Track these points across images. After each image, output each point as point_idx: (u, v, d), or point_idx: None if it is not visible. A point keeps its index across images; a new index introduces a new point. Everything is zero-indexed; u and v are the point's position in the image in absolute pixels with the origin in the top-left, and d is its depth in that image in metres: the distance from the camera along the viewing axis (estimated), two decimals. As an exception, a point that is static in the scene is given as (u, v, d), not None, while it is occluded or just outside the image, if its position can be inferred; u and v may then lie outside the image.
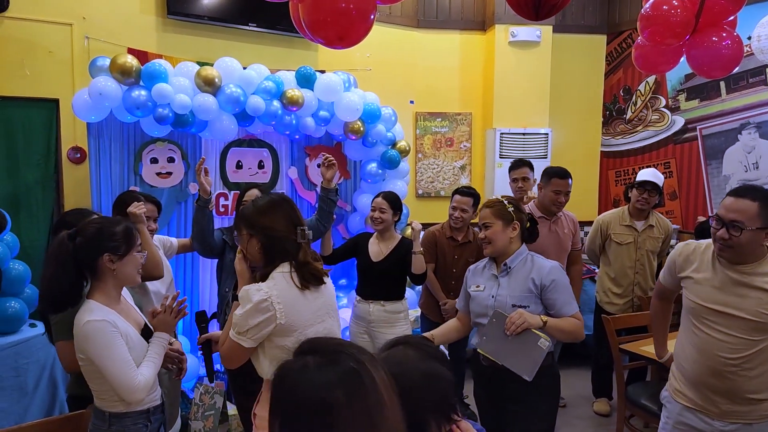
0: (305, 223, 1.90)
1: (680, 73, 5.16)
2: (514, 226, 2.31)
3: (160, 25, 4.23)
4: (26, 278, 3.13)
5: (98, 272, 1.86)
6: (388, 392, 0.90)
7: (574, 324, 2.24)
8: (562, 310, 2.24)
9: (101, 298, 1.85)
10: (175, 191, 3.91)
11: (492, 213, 2.33)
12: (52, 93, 3.87)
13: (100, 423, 1.84)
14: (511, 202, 2.36)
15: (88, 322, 1.75)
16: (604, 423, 3.82)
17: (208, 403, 3.42)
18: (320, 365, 0.88)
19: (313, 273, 1.84)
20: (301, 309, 1.83)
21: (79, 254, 1.83)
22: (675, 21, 2.82)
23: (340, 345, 0.94)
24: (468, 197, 3.48)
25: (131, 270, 1.90)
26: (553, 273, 2.26)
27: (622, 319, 3.41)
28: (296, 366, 0.90)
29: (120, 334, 1.79)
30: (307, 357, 0.91)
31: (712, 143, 5.05)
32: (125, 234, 1.88)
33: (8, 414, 2.87)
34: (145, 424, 1.88)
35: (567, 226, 3.51)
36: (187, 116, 3.51)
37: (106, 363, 1.76)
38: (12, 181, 3.77)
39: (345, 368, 0.88)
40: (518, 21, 5.17)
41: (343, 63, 4.72)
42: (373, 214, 3.25)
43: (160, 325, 1.96)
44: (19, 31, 3.77)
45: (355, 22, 2.26)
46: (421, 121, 5.55)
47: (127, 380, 1.77)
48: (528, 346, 2.08)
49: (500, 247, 2.32)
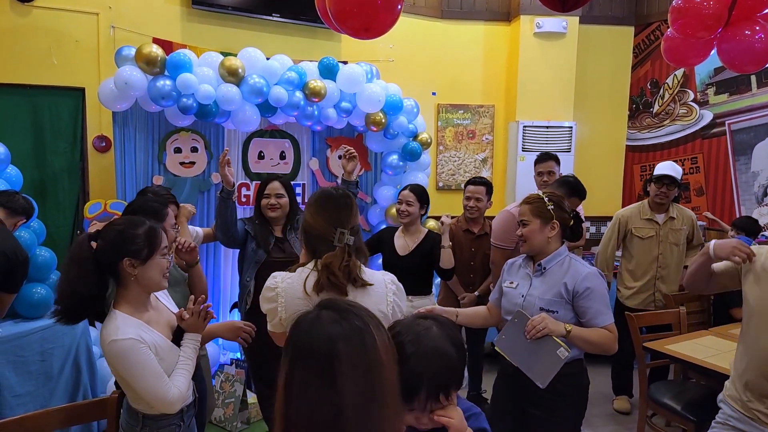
0: (350, 226, 1.80)
1: (709, 67, 5.04)
2: (552, 226, 2.19)
3: (184, 15, 4.25)
4: (52, 265, 3.17)
5: (121, 278, 1.75)
6: (387, 355, 1.01)
7: (604, 336, 2.10)
8: (594, 320, 2.11)
9: (126, 308, 1.74)
10: (198, 181, 3.94)
11: (530, 210, 2.21)
12: (79, 82, 3.92)
13: (134, 423, 1.80)
14: (552, 199, 2.22)
15: (113, 342, 1.66)
16: (624, 421, 3.78)
17: (228, 390, 3.46)
18: (331, 319, 1.00)
19: (332, 282, 1.71)
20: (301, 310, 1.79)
21: (98, 258, 1.72)
22: (707, 13, 2.75)
23: (353, 306, 1.06)
24: (481, 186, 3.46)
25: (155, 275, 1.77)
26: (588, 280, 2.13)
27: (645, 317, 3.36)
28: (311, 316, 1.02)
29: (148, 348, 1.70)
30: (322, 311, 1.03)
31: (741, 138, 4.94)
32: (147, 236, 1.75)
33: (35, 397, 2.93)
34: (178, 424, 1.84)
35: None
36: (211, 106, 3.53)
37: (137, 382, 1.68)
38: (39, 168, 3.83)
39: (351, 325, 1.00)
40: (544, 12, 5.09)
41: (365, 54, 4.70)
42: (400, 207, 3.21)
43: (191, 328, 1.88)
44: (47, 21, 3.82)
45: (380, 12, 2.24)
46: (443, 113, 5.51)
47: (160, 396, 1.70)
48: (545, 352, 1.99)
49: (537, 246, 2.21)
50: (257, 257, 2.87)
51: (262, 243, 2.89)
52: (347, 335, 0.98)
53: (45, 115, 3.85)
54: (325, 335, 0.98)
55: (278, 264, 2.18)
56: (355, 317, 1.01)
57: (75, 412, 2.01)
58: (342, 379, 0.94)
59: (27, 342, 2.91)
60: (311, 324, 1.00)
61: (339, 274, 1.72)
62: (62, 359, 3.05)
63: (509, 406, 2.33)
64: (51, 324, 3.02)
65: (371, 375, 0.97)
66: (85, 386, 3.16)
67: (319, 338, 0.98)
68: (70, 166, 3.93)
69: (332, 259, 1.74)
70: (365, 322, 1.01)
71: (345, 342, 0.97)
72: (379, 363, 0.98)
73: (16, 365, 2.87)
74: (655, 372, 3.63)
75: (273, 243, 2.91)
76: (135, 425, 1.79)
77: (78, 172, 3.97)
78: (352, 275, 1.75)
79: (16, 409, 2.80)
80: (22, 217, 2.91)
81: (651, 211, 3.80)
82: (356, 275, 1.76)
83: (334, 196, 1.85)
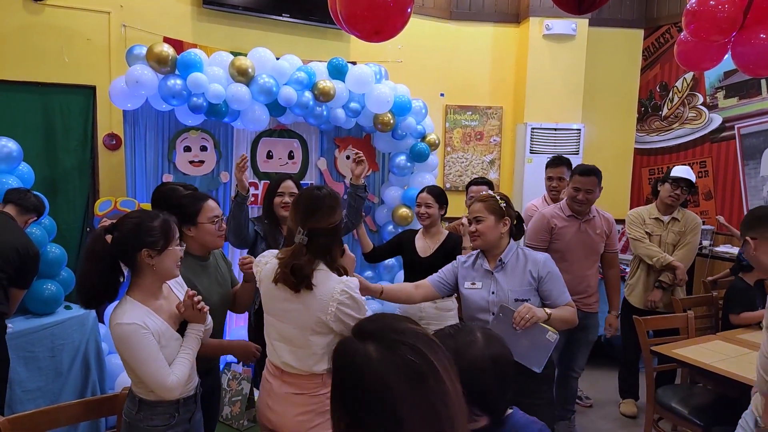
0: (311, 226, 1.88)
1: (719, 70, 5.02)
2: (504, 222, 2.36)
3: (195, 14, 4.27)
4: (62, 261, 3.20)
5: (137, 268, 1.83)
6: (449, 375, 0.91)
7: (570, 312, 2.31)
8: (558, 300, 2.31)
9: (138, 295, 1.82)
10: (207, 179, 3.95)
11: (485, 207, 2.36)
12: (90, 80, 3.94)
13: (132, 407, 1.88)
14: (503, 198, 2.40)
15: (117, 325, 1.75)
16: (630, 424, 3.77)
17: (235, 389, 3.47)
18: (380, 357, 0.90)
19: (284, 275, 1.87)
20: (266, 293, 1.99)
21: (116, 249, 1.81)
22: (722, 17, 2.74)
23: (399, 331, 0.94)
24: (483, 186, 3.49)
25: (170, 264, 1.85)
26: (547, 265, 2.34)
27: (653, 321, 3.36)
28: (359, 355, 0.91)
29: (151, 334, 1.77)
30: (368, 345, 0.92)
31: (751, 143, 4.92)
32: (163, 228, 1.83)
33: (45, 393, 2.96)
34: (172, 415, 1.88)
35: (601, 227, 3.32)
36: (221, 106, 3.54)
37: (137, 365, 1.76)
38: (50, 166, 3.86)
39: (404, 360, 0.89)
40: (553, 14, 5.10)
41: (374, 55, 4.71)
42: (419, 210, 3.20)
43: (191, 318, 1.93)
44: (59, 19, 3.84)
45: (391, 15, 2.25)
46: (451, 114, 5.51)
47: (159, 381, 1.77)
48: (536, 339, 2.11)
49: (490, 241, 2.36)
50: None
51: (271, 243, 2.90)
52: (405, 372, 0.88)
53: (56, 112, 3.88)
54: (378, 378, 0.88)
55: None
56: (406, 347, 0.90)
57: (86, 408, 2.03)
58: (407, 423, 0.86)
59: (37, 338, 2.94)
60: (360, 366, 0.90)
61: (287, 270, 1.86)
62: (72, 355, 3.08)
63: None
64: (61, 320, 3.05)
65: (437, 407, 0.88)
66: (94, 382, 3.19)
67: (372, 382, 0.88)
68: (80, 163, 3.96)
69: (284, 254, 1.91)
70: (419, 349, 0.90)
71: (404, 382, 0.87)
72: (442, 390, 0.89)
73: (27, 361, 2.89)
74: (662, 376, 3.62)
75: (282, 243, 2.92)
76: (132, 408, 1.87)
77: (88, 169, 3.99)
78: (299, 274, 1.85)
79: (27, 404, 2.83)
80: (33, 214, 2.93)
81: (658, 211, 3.83)
82: (304, 276, 1.85)
83: (307, 195, 1.97)
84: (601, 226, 3.32)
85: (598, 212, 3.36)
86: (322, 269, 1.90)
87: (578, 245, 3.25)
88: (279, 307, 1.95)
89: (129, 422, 1.88)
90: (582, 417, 3.78)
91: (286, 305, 1.92)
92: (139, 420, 1.85)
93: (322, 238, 1.89)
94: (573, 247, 3.22)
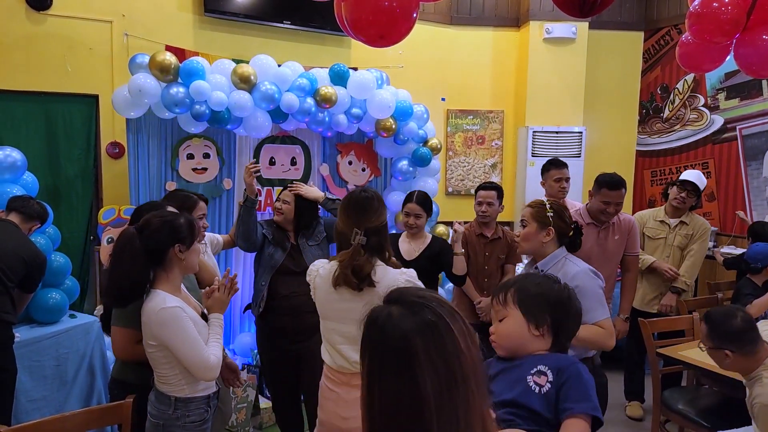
0: (366, 227, 1.96)
1: (720, 72, 5.03)
2: (548, 232, 2.27)
3: (197, 22, 4.29)
4: (67, 270, 3.20)
5: (166, 263, 1.95)
6: (465, 341, 1.00)
7: (595, 332, 2.12)
8: (586, 317, 2.10)
9: (167, 287, 1.94)
10: (210, 187, 3.96)
11: (530, 213, 2.31)
12: (92, 89, 3.96)
13: (164, 407, 1.93)
14: (554, 207, 2.30)
15: (163, 309, 1.85)
16: (637, 427, 3.76)
17: (240, 395, 3.46)
18: (402, 315, 0.99)
19: (345, 277, 1.92)
20: (325, 299, 2.01)
21: (150, 247, 1.92)
22: (725, 18, 2.73)
23: (423, 298, 1.03)
24: (492, 191, 3.46)
25: (195, 258, 2.03)
26: (578, 278, 2.16)
27: (659, 323, 3.35)
28: (383, 313, 1.01)
29: (189, 319, 1.90)
30: (392, 306, 1.02)
31: (753, 144, 4.92)
32: (189, 226, 2.00)
33: (49, 402, 2.95)
34: (206, 409, 1.98)
35: (619, 232, 3.28)
36: (223, 113, 3.55)
37: (182, 347, 1.86)
38: (53, 174, 3.87)
39: (423, 319, 0.98)
40: (553, 17, 5.11)
41: (375, 60, 4.72)
42: (408, 221, 3.18)
43: (215, 304, 2.06)
44: (61, 29, 3.86)
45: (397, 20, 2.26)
46: (453, 119, 5.52)
47: (202, 360, 1.88)
48: None
49: (531, 248, 2.30)
50: (273, 262, 2.88)
51: (279, 247, 2.92)
52: (421, 329, 0.97)
53: (59, 121, 3.90)
54: (400, 332, 0.97)
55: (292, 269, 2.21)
56: (426, 309, 1.00)
57: (91, 417, 2.02)
58: (422, 373, 0.94)
59: (42, 347, 2.94)
60: (384, 322, 1.00)
61: (348, 272, 1.91)
62: (77, 364, 3.08)
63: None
64: (66, 329, 3.05)
65: (450, 364, 0.96)
66: (99, 391, 3.18)
67: (393, 336, 0.97)
68: (83, 172, 3.97)
69: (344, 257, 1.95)
70: (437, 312, 1.00)
71: (420, 336, 0.96)
72: (458, 351, 0.98)
73: (32, 370, 2.89)
74: (668, 378, 3.61)
75: (289, 248, 2.93)
76: (166, 409, 1.92)
77: (92, 178, 4.00)
78: (361, 274, 1.91)
79: (32, 413, 2.82)
80: (37, 221, 2.94)
81: (665, 214, 3.83)
82: (365, 274, 1.91)
83: (356, 198, 2.05)
84: (621, 231, 3.27)
85: (618, 216, 3.29)
86: (380, 265, 1.98)
87: (597, 252, 3.17)
88: (340, 309, 1.98)
89: (163, 424, 1.93)
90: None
91: (348, 305, 1.96)
92: (176, 419, 1.91)
93: (375, 237, 1.99)
94: (591, 254, 3.15)
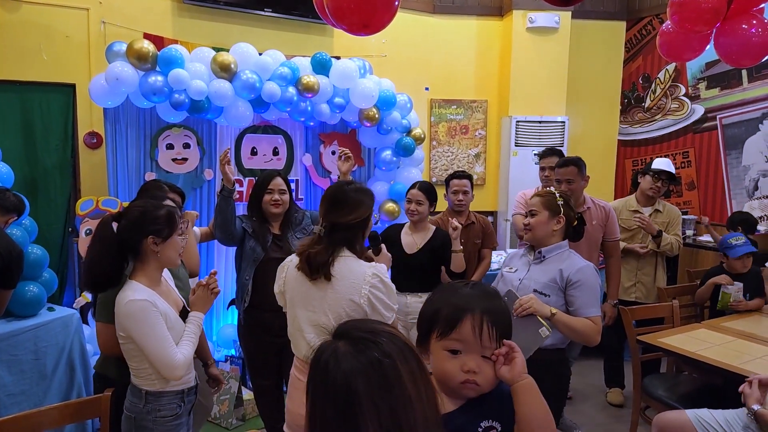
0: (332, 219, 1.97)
1: (701, 62, 5.07)
2: (558, 220, 2.31)
3: (176, 10, 4.22)
4: (44, 262, 3.14)
5: (141, 254, 1.92)
6: (416, 384, 0.90)
7: (587, 325, 2.20)
8: (581, 311, 2.21)
9: (143, 280, 1.90)
10: (191, 177, 3.91)
11: (541, 202, 2.33)
12: (69, 78, 3.88)
13: (137, 400, 1.91)
14: (563, 196, 2.35)
15: (130, 301, 1.82)
16: (617, 413, 3.81)
17: (223, 387, 3.45)
18: (347, 353, 0.91)
19: (301, 263, 1.96)
20: (293, 283, 2.01)
21: (123, 236, 1.89)
22: (706, 7, 2.75)
23: (372, 332, 0.94)
24: (466, 179, 3.49)
25: (172, 253, 1.96)
26: (582, 272, 2.23)
27: (639, 311, 3.38)
28: (328, 350, 0.93)
29: (160, 314, 1.85)
30: (339, 341, 0.94)
31: (733, 133, 4.97)
32: (168, 217, 1.94)
33: (28, 396, 2.90)
34: (179, 404, 1.95)
35: (596, 218, 3.35)
36: (203, 102, 3.50)
37: (146, 341, 1.82)
38: (30, 165, 3.79)
39: (368, 358, 0.89)
40: (536, 7, 5.10)
41: (358, 49, 4.68)
42: (410, 207, 3.18)
43: (197, 302, 2.04)
44: (37, 16, 3.77)
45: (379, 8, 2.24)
46: (436, 109, 5.50)
47: (167, 358, 1.84)
48: (529, 330, 2.10)
49: (539, 237, 2.32)
50: (255, 255, 2.84)
51: (260, 241, 2.87)
52: (365, 370, 0.88)
53: (35, 111, 3.81)
54: (341, 372, 0.89)
55: (277, 262, 2.18)
56: (374, 346, 0.91)
57: (68, 411, 2.00)
58: (364, 421, 0.86)
59: (20, 341, 2.88)
60: (327, 360, 0.92)
61: (303, 259, 1.95)
62: (56, 358, 3.03)
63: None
64: (44, 322, 3.00)
65: (395, 410, 0.87)
66: (79, 385, 3.14)
67: (335, 376, 0.89)
68: (61, 162, 3.89)
69: (302, 244, 2.01)
70: (385, 351, 0.91)
71: (363, 378, 0.88)
72: (405, 396, 0.89)
73: (10, 364, 2.84)
74: (648, 365, 3.66)
75: (271, 240, 2.89)
76: (138, 402, 1.91)
77: (69, 168, 3.93)
78: (313, 262, 1.92)
79: (10, 408, 2.78)
80: (14, 214, 2.88)
81: (638, 203, 3.87)
82: (318, 264, 1.92)
83: (332, 190, 2.05)
84: (597, 216, 3.33)
85: (594, 202, 3.38)
86: (347, 256, 1.97)
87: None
88: (308, 295, 1.98)
89: (134, 417, 1.91)
90: (569, 407, 3.80)
91: (314, 292, 1.96)
92: (147, 413, 1.90)
93: (341, 233, 1.96)
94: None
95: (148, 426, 1.90)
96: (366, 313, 1.90)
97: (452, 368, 1.17)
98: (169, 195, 2.60)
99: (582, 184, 3.29)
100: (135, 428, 1.92)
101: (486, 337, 1.17)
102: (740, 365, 2.62)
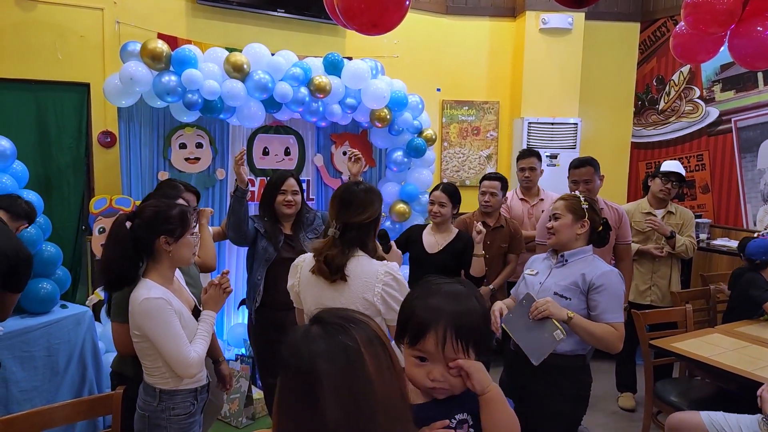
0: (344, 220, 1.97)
1: (716, 64, 5.02)
2: (583, 224, 2.27)
3: (189, 10, 4.24)
4: (58, 260, 3.17)
5: (154, 253, 1.93)
6: (380, 372, 0.93)
7: (607, 331, 2.14)
8: (602, 315, 2.16)
9: (157, 278, 1.92)
10: (203, 177, 3.93)
11: (565, 206, 2.31)
12: (84, 77, 3.91)
13: (150, 399, 1.92)
14: (588, 200, 2.32)
15: (146, 299, 1.83)
16: (629, 418, 3.77)
17: (233, 386, 3.46)
18: (317, 335, 0.94)
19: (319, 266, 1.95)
20: (306, 286, 2.01)
21: (136, 235, 1.91)
22: (721, 9, 2.73)
23: (344, 319, 0.97)
24: (496, 181, 3.48)
25: (186, 252, 1.98)
26: (606, 277, 2.18)
27: (651, 315, 3.35)
28: (300, 332, 0.97)
29: (174, 312, 1.87)
30: (313, 325, 0.97)
31: (748, 136, 4.92)
32: (181, 217, 1.95)
33: (41, 392, 2.94)
34: (192, 402, 1.96)
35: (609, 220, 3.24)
36: (216, 102, 3.52)
37: (161, 339, 1.84)
38: (44, 164, 3.83)
39: (335, 342, 0.92)
40: (550, 8, 5.08)
41: (370, 50, 4.68)
42: (432, 208, 3.17)
43: (210, 301, 2.06)
44: (52, 16, 3.81)
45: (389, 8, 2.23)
46: (448, 110, 5.49)
47: (182, 356, 1.85)
48: (543, 332, 2.10)
49: (564, 240, 2.29)
50: (267, 255, 2.85)
51: (272, 241, 2.88)
52: (330, 353, 0.91)
53: (50, 110, 3.85)
54: (308, 353, 0.91)
55: (288, 262, 2.18)
56: (343, 332, 0.93)
57: (80, 408, 2.02)
58: (323, 401, 0.88)
59: (33, 337, 2.91)
60: (297, 342, 0.94)
61: (321, 261, 1.94)
62: (68, 354, 3.06)
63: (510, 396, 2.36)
64: (57, 319, 3.03)
65: (356, 396, 0.89)
66: (91, 382, 3.17)
67: (301, 357, 0.92)
68: (75, 161, 3.93)
69: (316, 246, 1.99)
70: (353, 336, 0.93)
71: (327, 361, 0.90)
72: (368, 382, 0.91)
73: (23, 360, 2.87)
74: (660, 369, 3.62)
75: (283, 241, 2.89)
76: (152, 401, 1.91)
77: (83, 167, 3.96)
78: (331, 265, 1.92)
79: (23, 404, 2.81)
80: (25, 221, 2.86)
81: (650, 206, 3.84)
82: (336, 266, 1.92)
83: (342, 190, 2.05)
84: (610, 218, 3.30)
85: (606, 204, 3.34)
86: (360, 256, 1.97)
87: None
88: (322, 295, 1.98)
89: (148, 416, 1.92)
90: (580, 411, 3.78)
91: (328, 293, 1.96)
92: (161, 411, 1.91)
93: (355, 232, 1.97)
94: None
95: (162, 424, 1.91)
96: (379, 311, 1.90)
97: (419, 375, 1.19)
98: (183, 194, 2.62)
99: (598, 184, 3.27)
100: (149, 426, 1.92)
101: (450, 350, 1.16)
102: (755, 371, 2.60)
